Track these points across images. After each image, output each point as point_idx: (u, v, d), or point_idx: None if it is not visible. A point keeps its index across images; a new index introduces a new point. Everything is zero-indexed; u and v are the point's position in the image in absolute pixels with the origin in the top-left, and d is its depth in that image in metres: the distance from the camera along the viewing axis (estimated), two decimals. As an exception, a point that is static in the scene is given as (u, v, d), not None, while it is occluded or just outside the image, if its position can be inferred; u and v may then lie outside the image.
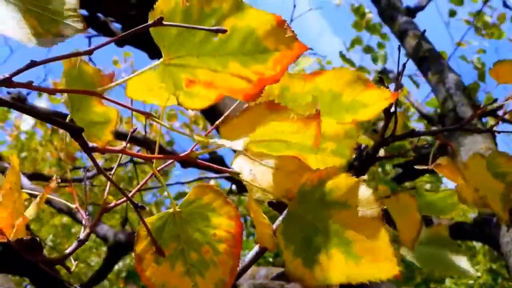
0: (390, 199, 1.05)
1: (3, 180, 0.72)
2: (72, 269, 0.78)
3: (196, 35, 0.58)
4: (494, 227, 2.09)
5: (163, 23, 0.52)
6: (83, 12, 3.63)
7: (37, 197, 0.79)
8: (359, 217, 0.58)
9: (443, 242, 1.23)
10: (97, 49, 0.51)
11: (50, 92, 0.52)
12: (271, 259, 4.15)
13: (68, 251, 0.74)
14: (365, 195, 0.59)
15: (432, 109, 4.37)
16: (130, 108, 0.59)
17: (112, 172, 0.81)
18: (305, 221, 0.60)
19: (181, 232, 0.62)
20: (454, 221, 2.35)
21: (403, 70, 0.93)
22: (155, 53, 2.92)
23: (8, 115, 5.91)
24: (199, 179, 3.23)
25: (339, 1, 5.79)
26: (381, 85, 0.94)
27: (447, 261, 1.24)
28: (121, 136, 2.81)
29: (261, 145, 0.64)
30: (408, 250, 1.17)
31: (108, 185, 0.75)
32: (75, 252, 0.73)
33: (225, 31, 0.53)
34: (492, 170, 1.00)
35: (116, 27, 3.42)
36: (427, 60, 3.32)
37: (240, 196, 4.49)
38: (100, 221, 3.19)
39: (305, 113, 0.57)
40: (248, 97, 0.60)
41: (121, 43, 2.97)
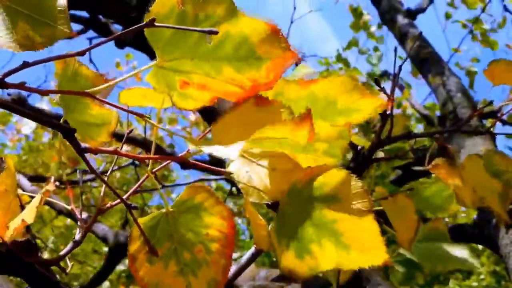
0: (387, 200, 1.05)
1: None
2: (67, 270, 0.79)
3: (190, 38, 0.59)
4: (493, 228, 2.09)
5: (155, 24, 0.52)
6: (83, 14, 3.64)
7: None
8: (349, 210, 0.58)
9: (442, 236, 1.23)
10: (89, 50, 0.52)
11: (42, 93, 0.52)
12: (275, 259, 4.15)
13: (63, 252, 0.74)
14: (355, 188, 0.59)
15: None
16: (123, 109, 0.59)
17: (107, 173, 0.81)
18: (296, 215, 0.60)
19: (174, 231, 0.62)
20: (455, 223, 2.35)
21: (399, 71, 0.93)
22: (155, 55, 2.92)
23: (10, 118, 5.92)
24: (199, 181, 3.23)
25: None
26: (377, 87, 0.94)
27: (448, 255, 1.24)
28: (119, 137, 2.81)
29: (254, 145, 0.64)
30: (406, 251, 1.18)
31: (103, 187, 0.75)
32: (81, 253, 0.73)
33: (216, 32, 0.54)
34: (489, 169, 1.00)
35: (117, 28, 3.42)
36: (427, 62, 3.32)
37: (240, 197, 4.49)
38: (99, 222, 3.20)
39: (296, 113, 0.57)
40: (241, 101, 0.60)
41: (121, 44, 2.97)
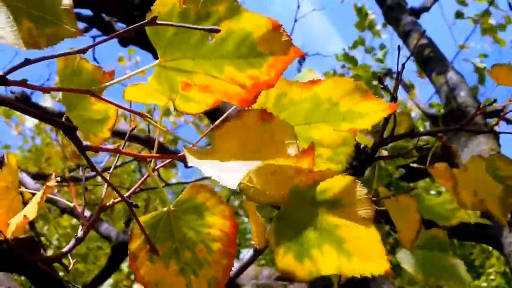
0: (389, 200, 1.05)
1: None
2: (69, 268, 0.79)
3: (191, 37, 0.59)
4: (496, 228, 2.09)
5: (157, 22, 0.52)
6: (88, 12, 3.64)
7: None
8: (353, 217, 0.58)
9: (442, 246, 1.23)
10: (91, 47, 0.52)
11: (43, 90, 0.52)
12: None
13: (65, 250, 0.74)
14: (359, 195, 0.59)
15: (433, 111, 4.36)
16: (124, 108, 0.59)
17: (110, 171, 0.81)
18: (298, 218, 0.60)
19: (176, 230, 0.62)
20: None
21: (402, 70, 0.93)
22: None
23: (13, 112, 5.94)
24: (202, 179, 3.23)
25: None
26: (381, 86, 0.94)
27: (445, 268, 1.24)
28: (123, 134, 2.81)
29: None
30: (404, 255, 1.18)
31: (105, 185, 0.75)
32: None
33: (218, 31, 0.53)
34: (492, 172, 0.99)
35: (121, 27, 3.42)
36: (431, 61, 3.31)
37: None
38: (103, 221, 3.20)
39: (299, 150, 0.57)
40: (243, 103, 0.60)
41: (124, 42, 2.97)
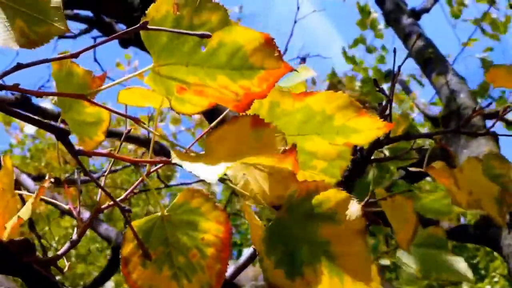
0: (386, 201, 1.05)
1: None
2: (64, 270, 0.79)
3: (185, 44, 0.60)
4: (495, 229, 2.09)
5: (149, 27, 0.52)
6: (88, 13, 3.64)
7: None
8: (345, 232, 0.59)
9: (441, 244, 1.23)
10: (84, 51, 0.52)
11: (36, 94, 0.52)
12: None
13: (61, 252, 0.74)
14: (353, 211, 0.59)
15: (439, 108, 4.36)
16: (118, 113, 0.59)
17: (105, 174, 0.81)
18: (291, 232, 0.61)
19: (169, 235, 0.62)
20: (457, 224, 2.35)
21: (398, 72, 0.93)
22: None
23: (12, 118, 5.95)
24: (199, 181, 3.24)
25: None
26: (376, 89, 0.94)
27: (446, 264, 1.24)
28: (121, 135, 2.81)
29: (239, 170, 0.65)
30: (403, 254, 1.18)
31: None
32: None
33: (209, 36, 0.54)
34: (488, 172, 0.99)
35: (122, 28, 3.42)
36: (431, 62, 3.31)
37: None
38: (103, 222, 3.20)
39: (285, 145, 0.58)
40: (237, 108, 0.61)
41: (125, 44, 2.98)
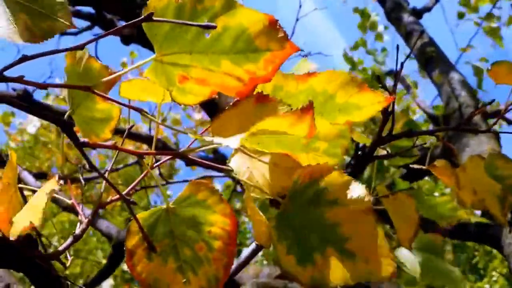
0: (388, 198, 1.05)
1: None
2: (67, 265, 0.79)
3: (188, 32, 0.59)
4: (496, 228, 2.09)
5: (153, 18, 0.52)
6: (91, 10, 3.64)
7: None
8: (352, 214, 0.58)
9: (437, 251, 1.23)
10: (88, 43, 0.52)
11: (40, 86, 0.52)
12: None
13: (63, 247, 0.74)
14: (356, 192, 0.59)
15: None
16: (123, 104, 0.59)
17: (108, 168, 0.81)
18: (298, 220, 0.60)
19: (175, 228, 0.62)
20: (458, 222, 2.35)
21: (401, 69, 0.93)
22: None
23: (11, 118, 5.95)
24: (204, 177, 3.23)
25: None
26: (379, 85, 0.94)
27: (443, 271, 1.24)
28: (124, 132, 2.80)
29: (253, 141, 0.64)
30: (403, 254, 1.18)
31: (103, 182, 0.75)
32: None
33: (214, 27, 0.54)
34: (490, 172, 0.99)
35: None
36: (432, 60, 3.31)
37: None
38: (103, 219, 3.20)
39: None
40: (240, 95, 0.60)
41: (126, 41, 2.97)
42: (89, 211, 2.36)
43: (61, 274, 0.77)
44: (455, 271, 1.27)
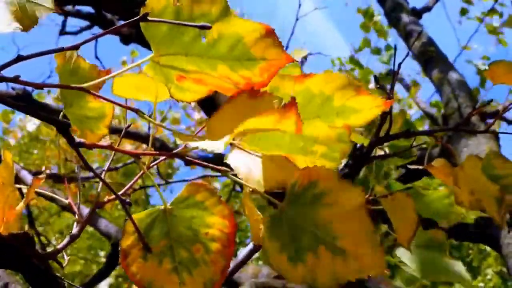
0: (386, 199, 1.05)
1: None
2: (64, 265, 0.79)
3: (185, 34, 0.59)
4: (495, 228, 2.09)
5: (149, 18, 0.52)
6: (89, 9, 3.64)
7: (39, 194, 0.79)
8: (346, 214, 0.58)
9: (440, 247, 1.23)
10: (84, 44, 0.52)
11: (36, 86, 0.52)
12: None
13: (60, 246, 0.74)
14: (352, 192, 0.59)
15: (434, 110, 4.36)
16: (118, 104, 0.59)
17: (105, 168, 0.81)
18: (294, 223, 0.60)
19: (171, 229, 0.62)
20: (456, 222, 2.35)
21: (399, 70, 0.93)
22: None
23: (11, 115, 5.95)
24: (203, 177, 3.24)
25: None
26: (378, 86, 0.94)
27: (446, 267, 1.24)
28: (121, 131, 2.80)
29: (252, 143, 0.64)
30: (403, 253, 1.18)
31: (100, 182, 0.75)
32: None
33: (209, 27, 0.54)
34: (487, 172, 0.99)
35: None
36: (432, 60, 3.31)
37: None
38: (102, 218, 3.20)
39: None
40: (236, 95, 0.60)
41: (126, 40, 2.97)
42: (86, 210, 2.36)
43: (58, 273, 0.77)
44: (459, 265, 1.26)
